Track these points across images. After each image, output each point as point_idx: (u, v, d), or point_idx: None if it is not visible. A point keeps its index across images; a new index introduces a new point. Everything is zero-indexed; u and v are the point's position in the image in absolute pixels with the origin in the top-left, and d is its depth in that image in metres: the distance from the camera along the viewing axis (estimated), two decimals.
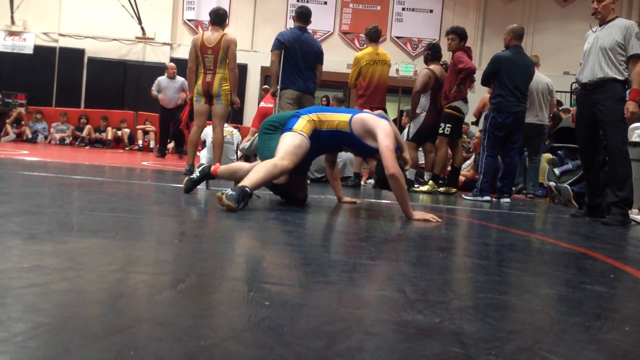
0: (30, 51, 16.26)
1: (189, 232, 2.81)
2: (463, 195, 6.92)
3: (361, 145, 4.06)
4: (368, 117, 4.04)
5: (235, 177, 4.10)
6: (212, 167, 4.28)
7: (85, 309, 1.36)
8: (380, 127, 3.96)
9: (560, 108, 10.89)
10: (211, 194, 4.15)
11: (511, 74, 6.65)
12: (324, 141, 4.08)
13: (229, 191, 3.43)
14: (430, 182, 7.61)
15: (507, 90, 6.63)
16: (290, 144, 3.88)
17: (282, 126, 4.10)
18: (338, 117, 4.05)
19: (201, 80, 6.73)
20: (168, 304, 1.43)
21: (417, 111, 7.79)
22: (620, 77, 4.93)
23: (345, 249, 2.65)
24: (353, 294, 1.72)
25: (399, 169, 3.85)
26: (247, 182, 3.59)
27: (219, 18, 6.81)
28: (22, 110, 15.12)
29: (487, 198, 6.62)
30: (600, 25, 5.14)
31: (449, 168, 8.05)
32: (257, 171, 3.70)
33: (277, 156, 3.81)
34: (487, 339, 1.34)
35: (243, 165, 4.28)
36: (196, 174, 4.30)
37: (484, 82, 7.12)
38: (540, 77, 8.13)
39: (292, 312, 1.44)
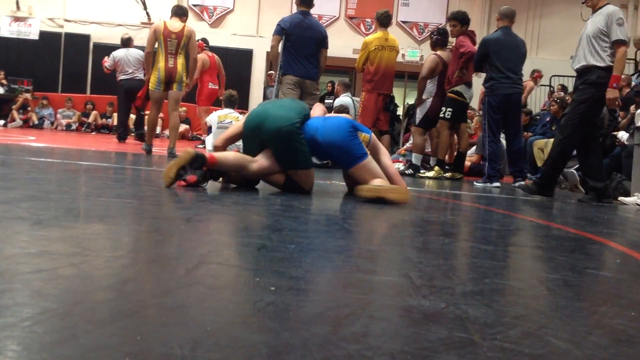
0: (35, 37, 16.23)
1: (195, 218, 2.82)
2: (474, 182, 6.91)
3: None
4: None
5: (241, 170, 3.97)
6: (208, 158, 3.76)
7: (92, 294, 1.37)
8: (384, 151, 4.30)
9: (567, 93, 10.84)
10: (216, 183, 4.14)
11: (501, 55, 6.63)
12: None
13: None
14: (436, 167, 7.60)
15: (498, 72, 6.61)
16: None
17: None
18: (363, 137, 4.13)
19: (163, 64, 7.03)
20: (174, 289, 1.44)
21: (424, 97, 7.76)
22: (600, 64, 5.04)
23: (351, 234, 2.65)
24: (358, 280, 1.72)
25: None
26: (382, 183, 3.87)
27: (180, 10, 7.32)
28: (28, 96, 15.13)
29: (496, 184, 6.60)
30: (592, 13, 5.25)
31: (454, 153, 8.04)
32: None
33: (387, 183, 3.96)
34: (492, 324, 1.34)
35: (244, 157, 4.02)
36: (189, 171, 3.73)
37: (477, 68, 7.10)
38: None
39: (297, 297, 1.45)
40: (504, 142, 7.42)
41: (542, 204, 5.00)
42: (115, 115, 15.04)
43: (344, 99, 9.13)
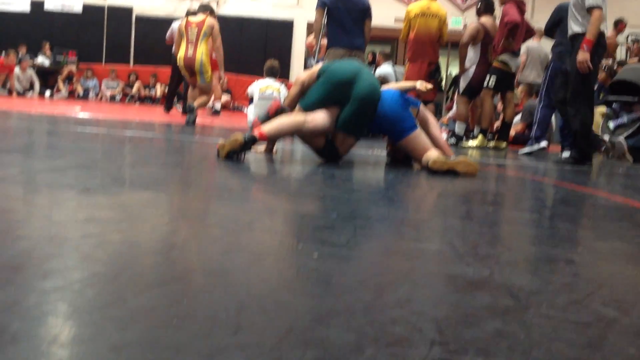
0: (79, 10, 16.39)
1: (237, 186, 2.84)
2: (519, 151, 6.81)
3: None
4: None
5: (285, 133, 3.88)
6: (257, 132, 3.67)
7: (139, 259, 1.39)
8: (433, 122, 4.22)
9: (616, 61, 10.54)
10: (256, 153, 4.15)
11: None
12: None
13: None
14: (480, 136, 7.51)
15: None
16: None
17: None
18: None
19: (183, 54, 7.41)
20: (218, 255, 1.45)
21: (467, 65, 7.64)
22: (584, 30, 5.24)
23: (393, 203, 2.64)
24: (401, 247, 1.72)
25: None
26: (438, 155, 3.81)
27: (203, 7, 7.87)
28: (72, 67, 15.35)
29: (543, 144, 6.58)
30: None
31: (499, 122, 7.93)
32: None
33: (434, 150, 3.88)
34: (538, 292, 1.33)
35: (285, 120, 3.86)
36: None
37: (547, 33, 7.00)
38: (541, 47, 8.81)
39: (340, 264, 1.45)
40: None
41: (589, 173, 4.91)
42: (158, 86, 15.25)
43: (386, 68, 9.03)
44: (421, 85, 4.18)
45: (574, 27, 5.38)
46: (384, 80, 7.31)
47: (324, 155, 3.93)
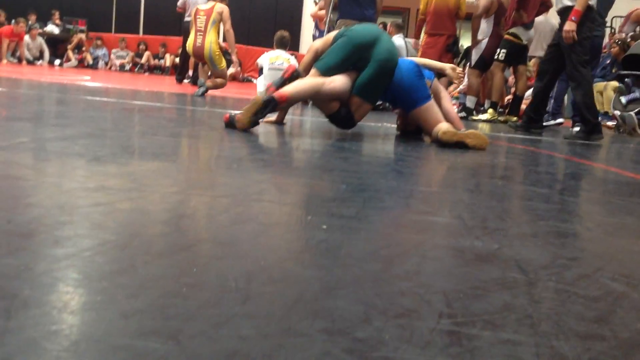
0: None
1: (247, 157, 2.84)
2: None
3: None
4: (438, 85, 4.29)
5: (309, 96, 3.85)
6: (277, 99, 3.61)
7: (149, 227, 1.40)
8: (446, 95, 4.29)
9: (629, 35, 10.39)
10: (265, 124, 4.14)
11: None
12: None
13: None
14: (490, 110, 7.47)
15: None
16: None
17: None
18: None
19: (191, 42, 7.42)
20: (228, 225, 1.46)
21: (479, 37, 7.58)
22: (573, 3, 5.28)
23: (403, 176, 2.64)
24: (410, 220, 1.72)
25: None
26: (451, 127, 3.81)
27: None
28: (82, 36, 15.32)
29: (559, 120, 6.55)
30: None
31: (510, 96, 7.88)
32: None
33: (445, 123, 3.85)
34: (546, 266, 1.33)
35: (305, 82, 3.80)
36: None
37: None
38: (549, 19, 8.51)
39: (349, 235, 1.45)
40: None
41: (599, 148, 4.89)
42: (167, 56, 15.20)
43: (397, 40, 8.95)
44: (452, 71, 4.16)
45: (564, 1, 5.39)
46: None
47: (337, 120, 3.90)
